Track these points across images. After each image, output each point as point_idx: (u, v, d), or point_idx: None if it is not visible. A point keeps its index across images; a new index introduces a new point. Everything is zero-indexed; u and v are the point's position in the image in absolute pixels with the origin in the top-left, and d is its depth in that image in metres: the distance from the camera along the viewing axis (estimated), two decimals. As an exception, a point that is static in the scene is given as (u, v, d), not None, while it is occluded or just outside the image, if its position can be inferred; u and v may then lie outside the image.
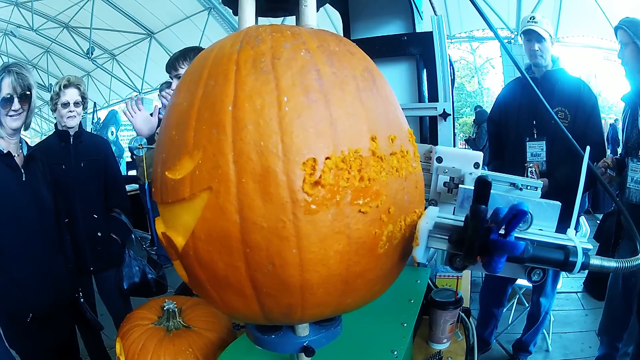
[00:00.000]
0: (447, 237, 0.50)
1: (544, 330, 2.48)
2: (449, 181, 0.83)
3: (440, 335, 1.04)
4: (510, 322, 2.73)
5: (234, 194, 0.42)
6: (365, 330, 0.85)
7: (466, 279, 1.41)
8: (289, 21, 0.62)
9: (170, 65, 1.72)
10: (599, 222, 3.06)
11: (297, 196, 0.41)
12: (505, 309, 2.58)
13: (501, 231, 0.44)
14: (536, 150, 2.11)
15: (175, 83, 1.71)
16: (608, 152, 2.18)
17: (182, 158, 0.46)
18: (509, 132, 2.24)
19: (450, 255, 0.51)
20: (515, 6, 7.61)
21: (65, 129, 1.90)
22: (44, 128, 16.28)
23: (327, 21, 5.67)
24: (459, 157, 0.84)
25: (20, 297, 1.45)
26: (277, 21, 0.59)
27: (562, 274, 2.71)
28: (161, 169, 0.49)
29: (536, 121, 2.09)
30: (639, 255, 0.50)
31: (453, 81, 1.57)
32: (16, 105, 1.45)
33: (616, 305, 1.94)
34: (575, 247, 0.48)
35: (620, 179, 1.81)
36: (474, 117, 7.09)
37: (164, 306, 1.05)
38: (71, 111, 1.88)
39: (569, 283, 3.34)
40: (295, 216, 0.42)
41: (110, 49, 11.84)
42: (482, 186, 0.41)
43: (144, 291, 2.00)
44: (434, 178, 0.84)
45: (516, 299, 2.80)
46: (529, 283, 0.76)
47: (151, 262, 2.05)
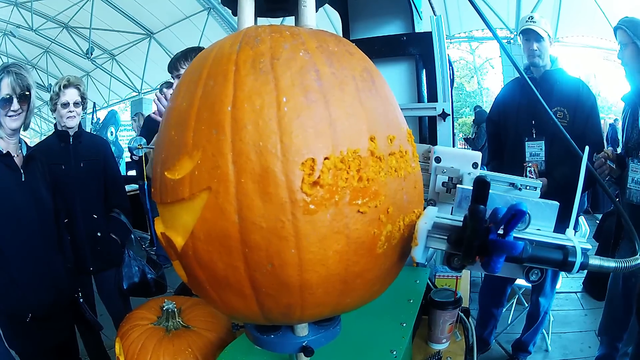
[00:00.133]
0: (445, 237, 0.50)
1: (544, 330, 2.48)
2: (447, 181, 0.83)
3: (440, 335, 1.04)
4: (509, 322, 2.73)
5: (233, 194, 0.42)
6: (364, 330, 0.85)
7: (465, 279, 1.41)
8: (288, 21, 0.62)
9: (172, 66, 1.73)
10: (598, 222, 3.05)
11: (296, 196, 0.42)
12: (504, 309, 2.58)
13: (500, 231, 0.44)
14: (535, 150, 2.11)
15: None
16: None
17: (181, 158, 0.46)
18: (508, 132, 2.24)
19: (448, 255, 0.51)
20: (514, 6, 7.61)
21: (65, 129, 1.90)
22: (44, 128, 16.27)
23: (326, 21, 5.67)
24: (457, 157, 0.84)
25: (20, 297, 1.45)
26: (276, 21, 0.59)
27: (562, 274, 2.71)
28: (160, 169, 0.49)
29: (535, 121, 2.09)
30: (637, 256, 0.50)
31: (452, 81, 1.57)
32: (15, 106, 1.45)
33: (616, 306, 1.94)
34: (574, 247, 0.47)
35: (620, 172, 1.81)
36: (474, 117, 7.10)
37: (164, 306, 1.05)
38: (71, 111, 1.88)
39: (569, 283, 3.34)
40: (294, 216, 0.42)
41: (109, 49, 11.83)
42: (481, 186, 0.42)
43: (144, 291, 2.00)
44: (433, 178, 0.84)
45: (515, 299, 2.80)
46: (527, 283, 0.77)
47: (151, 262, 2.05)
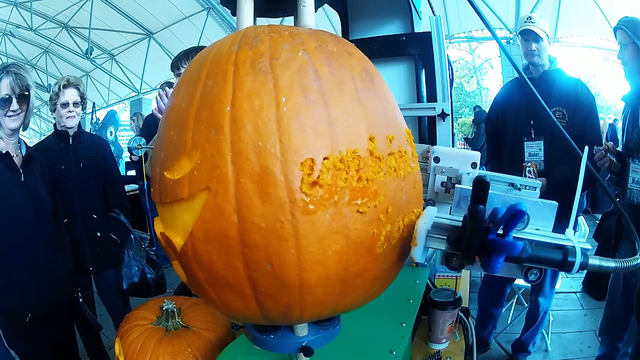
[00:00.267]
0: (445, 237, 0.49)
1: (543, 330, 2.48)
2: (446, 181, 0.83)
3: (439, 335, 1.04)
4: (509, 322, 2.73)
5: (232, 194, 0.42)
6: (364, 330, 0.85)
7: (465, 279, 1.41)
8: (288, 22, 0.62)
9: (174, 65, 1.74)
10: (597, 222, 3.06)
11: (295, 196, 0.41)
12: (504, 309, 2.59)
13: (499, 231, 0.44)
14: (534, 150, 2.11)
15: None
16: None
17: (180, 158, 0.46)
18: (507, 132, 2.24)
19: (446, 254, 0.50)
20: (514, 6, 7.61)
21: (65, 129, 1.90)
22: (43, 128, 16.26)
23: (325, 21, 5.67)
24: (456, 157, 0.84)
25: (20, 297, 1.45)
26: (275, 21, 0.59)
27: (561, 274, 2.71)
28: (160, 169, 0.49)
29: (534, 121, 2.10)
30: (637, 256, 0.50)
31: (452, 81, 1.57)
32: (14, 106, 1.45)
33: (617, 306, 1.94)
34: (574, 247, 0.47)
35: (620, 166, 1.81)
36: (473, 117, 7.11)
37: (163, 306, 1.05)
38: (70, 111, 1.88)
39: (568, 283, 3.35)
40: (294, 216, 0.42)
41: (109, 49, 11.82)
42: (481, 186, 0.41)
43: (143, 291, 2.00)
44: (432, 178, 0.84)
45: (515, 299, 2.80)
46: (526, 283, 0.77)
47: (150, 262, 2.05)
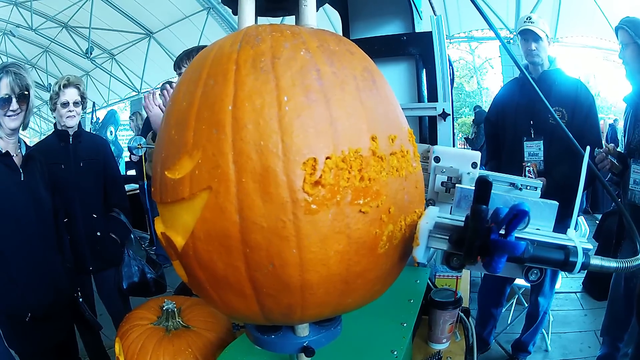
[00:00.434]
0: (447, 237, 0.49)
1: (543, 330, 2.48)
2: (446, 181, 0.83)
3: (440, 335, 1.04)
4: (509, 322, 2.73)
5: (233, 193, 0.42)
6: (365, 330, 0.85)
7: (465, 279, 1.41)
8: (288, 21, 0.62)
9: (176, 65, 1.74)
10: (597, 222, 3.06)
11: (298, 196, 0.41)
12: (504, 309, 2.59)
13: (501, 231, 0.44)
14: (534, 149, 2.11)
15: None
16: None
17: (181, 158, 0.45)
18: (507, 132, 2.24)
19: (447, 254, 0.50)
20: (514, 6, 7.61)
21: (65, 128, 1.90)
22: (43, 128, 16.25)
23: (326, 21, 5.66)
24: (456, 156, 0.84)
25: (19, 297, 1.44)
26: (276, 21, 0.58)
27: (561, 274, 2.71)
28: (160, 168, 0.49)
29: (533, 121, 2.10)
30: (638, 256, 0.50)
31: (452, 81, 1.57)
32: (14, 105, 1.45)
33: (618, 307, 1.94)
34: (576, 247, 0.47)
35: (622, 167, 1.80)
36: (473, 117, 7.10)
37: (163, 306, 1.04)
38: (70, 111, 1.87)
39: (568, 283, 3.34)
40: (296, 216, 0.41)
41: (109, 48, 11.81)
42: (483, 186, 0.41)
43: (143, 291, 2.00)
44: (432, 178, 0.84)
45: (515, 299, 2.80)
46: (527, 283, 0.77)
47: (150, 262, 2.05)
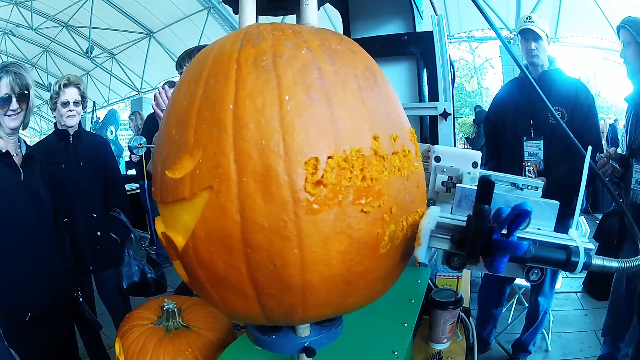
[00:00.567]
0: (449, 237, 0.49)
1: (544, 330, 2.48)
2: (447, 180, 0.83)
3: (440, 335, 1.04)
4: (509, 322, 2.73)
5: (234, 193, 0.42)
6: (365, 330, 0.85)
7: (466, 278, 1.41)
8: (289, 20, 0.61)
9: (178, 65, 1.74)
10: (598, 222, 3.06)
11: (299, 196, 0.41)
12: (504, 309, 2.59)
13: (503, 231, 0.44)
14: (533, 149, 2.11)
15: None
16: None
17: (182, 157, 0.45)
18: (506, 132, 2.24)
19: (447, 254, 0.50)
20: (514, 6, 7.61)
21: (65, 128, 1.90)
22: (44, 127, 16.25)
23: (326, 21, 5.66)
24: (457, 156, 0.83)
25: (19, 297, 1.44)
26: (277, 20, 0.58)
27: (562, 274, 2.71)
28: (161, 168, 0.49)
29: (533, 120, 2.10)
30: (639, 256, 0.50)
31: (453, 81, 1.57)
32: (14, 105, 1.44)
33: (620, 307, 1.94)
34: (577, 247, 0.47)
35: (624, 172, 1.80)
36: (474, 116, 7.10)
37: (164, 306, 1.04)
38: (71, 110, 1.87)
39: (569, 283, 3.35)
40: (297, 216, 0.41)
41: (109, 48, 11.81)
42: (486, 186, 0.41)
43: (144, 291, 2.00)
44: (432, 177, 0.84)
45: (515, 299, 2.80)
46: (527, 282, 0.77)
47: (150, 262, 2.05)
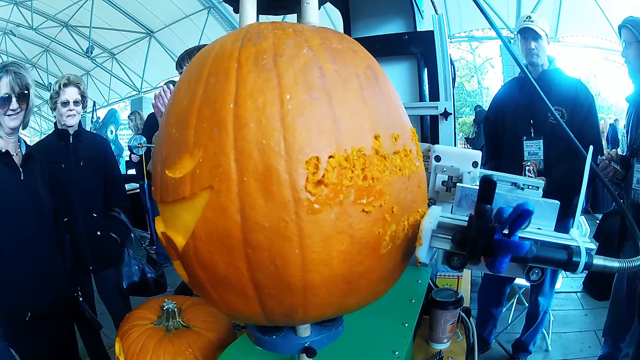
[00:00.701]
0: (450, 237, 0.49)
1: (544, 330, 2.48)
2: (447, 180, 0.83)
3: (441, 335, 1.04)
4: (509, 321, 2.73)
5: (235, 193, 0.42)
6: (366, 330, 0.85)
7: (466, 278, 1.41)
8: (290, 19, 0.61)
9: (178, 64, 1.74)
10: (598, 222, 3.06)
11: (300, 195, 0.41)
12: (504, 309, 2.58)
13: (504, 231, 0.44)
14: (533, 149, 2.11)
15: None
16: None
17: (182, 157, 0.45)
18: (506, 132, 2.24)
19: (448, 254, 0.50)
20: (515, 6, 7.61)
21: (65, 127, 1.90)
22: (44, 127, 16.25)
23: (327, 20, 5.66)
24: (457, 156, 0.83)
25: (19, 297, 1.44)
26: (277, 19, 0.58)
27: (562, 274, 2.70)
28: (161, 167, 0.48)
29: (533, 120, 2.10)
30: (640, 256, 0.50)
31: (454, 80, 1.57)
32: (14, 105, 1.44)
33: (620, 307, 1.93)
34: (579, 247, 0.47)
35: (625, 173, 1.80)
36: (474, 116, 7.10)
37: (164, 306, 1.04)
38: (71, 110, 1.87)
39: (569, 283, 3.34)
40: (298, 216, 0.41)
41: (109, 48, 11.81)
42: (487, 185, 0.41)
43: (144, 290, 1.99)
44: (432, 177, 0.84)
45: (515, 299, 2.80)
46: (527, 282, 0.76)
47: (150, 261, 2.05)
